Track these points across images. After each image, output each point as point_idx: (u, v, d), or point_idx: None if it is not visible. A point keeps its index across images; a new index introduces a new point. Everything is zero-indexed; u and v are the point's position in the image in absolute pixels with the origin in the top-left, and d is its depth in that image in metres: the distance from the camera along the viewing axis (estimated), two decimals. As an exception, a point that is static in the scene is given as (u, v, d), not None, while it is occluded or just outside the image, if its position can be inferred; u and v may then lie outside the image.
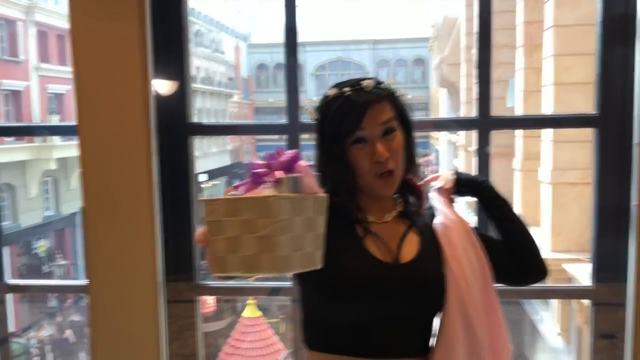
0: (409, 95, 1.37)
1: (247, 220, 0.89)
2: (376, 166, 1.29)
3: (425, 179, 1.46)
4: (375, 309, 1.27)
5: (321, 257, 1.08)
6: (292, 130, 2.13)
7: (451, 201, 1.44)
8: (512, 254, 1.41)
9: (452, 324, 1.30)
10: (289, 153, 1.14)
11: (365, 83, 1.31)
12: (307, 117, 1.37)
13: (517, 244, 1.43)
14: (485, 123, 2.09)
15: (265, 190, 0.95)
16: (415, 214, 1.40)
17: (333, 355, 1.30)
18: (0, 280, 2.32)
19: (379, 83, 1.33)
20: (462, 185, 1.45)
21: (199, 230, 1.06)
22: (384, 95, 1.31)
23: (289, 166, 1.08)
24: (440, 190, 1.45)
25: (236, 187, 1.07)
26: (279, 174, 1.01)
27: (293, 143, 2.13)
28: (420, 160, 1.46)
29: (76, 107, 2.03)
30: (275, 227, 0.88)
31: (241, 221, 0.90)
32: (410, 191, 1.40)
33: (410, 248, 1.35)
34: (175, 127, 2.15)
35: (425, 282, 1.31)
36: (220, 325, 12.01)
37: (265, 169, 1.04)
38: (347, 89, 1.30)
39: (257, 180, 1.01)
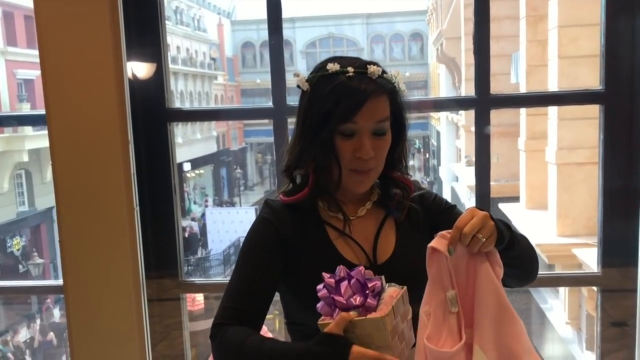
0: (406, 73, 1.34)
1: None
2: (356, 161, 1.28)
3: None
4: None
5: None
6: (279, 114, 2.14)
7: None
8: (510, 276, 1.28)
9: None
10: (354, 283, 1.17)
11: (372, 69, 1.26)
12: (295, 82, 1.32)
13: (520, 273, 1.32)
14: (484, 102, 2.10)
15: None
16: (394, 204, 1.37)
17: None
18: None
19: (384, 72, 1.29)
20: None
21: None
22: (386, 89, 1.28)
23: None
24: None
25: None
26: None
27: (279, 127, 2.13)
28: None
29: (45, 94, 2.02)
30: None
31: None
32: (396, 185, 1.38)
33: (387, 245, 1.35)
34: (153, 114, 2.15)
35: (403, 281, 1.28)
36: (210, 324, 12.04)
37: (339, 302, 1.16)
38: (350, 69, 1.25)
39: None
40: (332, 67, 1.27)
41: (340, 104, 1.24)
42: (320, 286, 1.18)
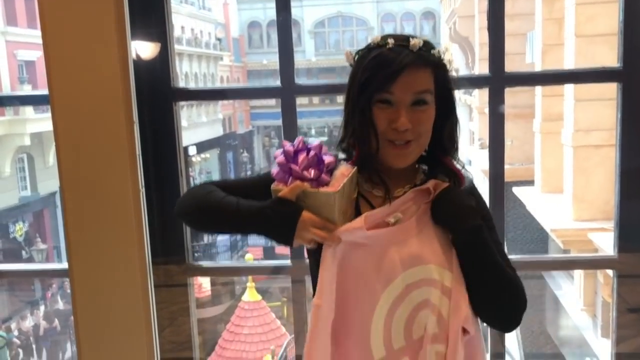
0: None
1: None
2: (392, 132, 1.29)
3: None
4: None
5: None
6: (286, 93, 2.14)
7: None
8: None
9: None
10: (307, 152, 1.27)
11: (413, 42, 1.29)
12: (346, 62, 1.36)
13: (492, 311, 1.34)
14: (499, 80, 2.09)
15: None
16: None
17: None
18: (-25, 266, 2.34)
19: (428, 46, 1.30)
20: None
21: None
22: (428, 62, 1.29)
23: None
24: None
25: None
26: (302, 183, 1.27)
27: (288, 107, 2.14)
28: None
29: (47, 75, 2.02)
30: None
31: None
32: (445, 172, 1.37)
33: None
34: (159, 93, 2.15)
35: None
36: (218, 311, 12.13)
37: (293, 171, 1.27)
38: (391, 41, 1.29)
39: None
40: (375, 40, 1.32)
41: (378, 74, 1.27)
42: (279, 152, 1.28)
